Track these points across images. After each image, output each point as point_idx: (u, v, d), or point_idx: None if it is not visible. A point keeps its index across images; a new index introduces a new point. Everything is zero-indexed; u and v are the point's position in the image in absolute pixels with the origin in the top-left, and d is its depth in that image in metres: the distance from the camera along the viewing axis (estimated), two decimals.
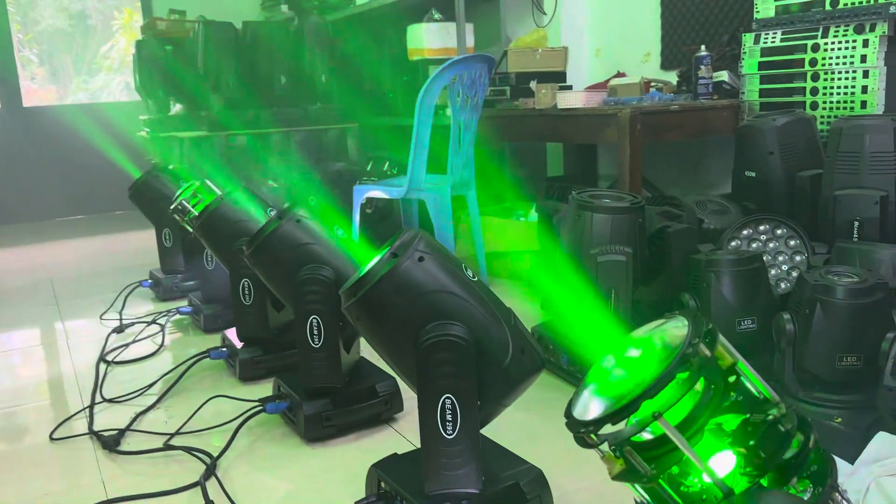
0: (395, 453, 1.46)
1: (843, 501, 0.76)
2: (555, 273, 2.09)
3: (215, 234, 2.27)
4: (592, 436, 0.79)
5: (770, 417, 0.77)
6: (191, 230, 2.38)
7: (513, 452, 1.43)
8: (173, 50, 4.19)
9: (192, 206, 2.31)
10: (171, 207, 2.39)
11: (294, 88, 4.05)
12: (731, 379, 0.80)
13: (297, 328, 1.75)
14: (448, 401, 1.24)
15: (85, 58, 7.66)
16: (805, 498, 0.75)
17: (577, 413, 0.83)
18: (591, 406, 0.82)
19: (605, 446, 0.80)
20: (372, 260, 1.27)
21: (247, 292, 2.16)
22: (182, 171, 3.26)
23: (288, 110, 4.00)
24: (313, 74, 4.05)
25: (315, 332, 1.74)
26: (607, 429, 0.80)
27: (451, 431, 1.25)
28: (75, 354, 2.52)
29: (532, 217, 3.32)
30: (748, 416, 0.80)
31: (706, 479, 0.76)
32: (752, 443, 0.77)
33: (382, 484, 1.39)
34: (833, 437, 1.53)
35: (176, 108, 4.45)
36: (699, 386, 0.79)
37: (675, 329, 0.82)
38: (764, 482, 0.75)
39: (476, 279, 1.28)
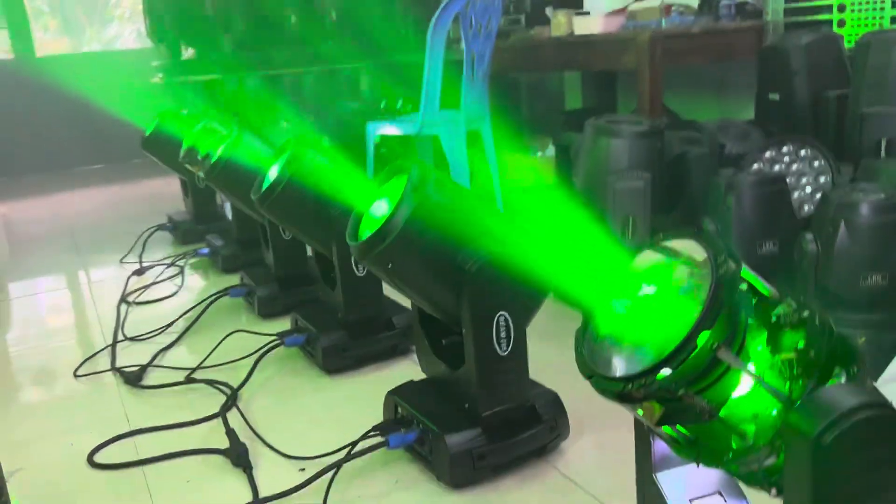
0: (412, 380, 1.47)
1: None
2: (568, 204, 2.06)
3: (233, 180, 2.23)
4: (646, 386, 0.70)
5: (806, 313, 0.73)
6: (202, 177, 2.35)
7: (528, 377, 1.42)
8: None
9: (203, 154, 2.28)
10: (181, 157, 2.36)
11: (304, 28, 3.97)
12: (744, 287, 0.76)
13: (339, 260, 1.74)
14: (502, 318, 1.25)
15: (97, 8, 7.58)
16: (841, 381, 0.72)
17: (605, 369, 0.76)
18: (618, 359, 0.76)
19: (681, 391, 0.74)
20: (374, 203, 1.26)
21: (284, 229, 2.14)
22: (194, 116, 3.23)
23: (299, 50, 3.93)
24: (323, 13, 3.97)
25: None
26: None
27: (505, 348, 1.27)
28: (97, 297, 2.55)
29: (549, 152, 3.26)
30: (777, 320, 0.76)
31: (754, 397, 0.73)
32: (801, 345, 0.73)
33: (399, 409, 1.40)
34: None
35: (188, 52, 4.40)
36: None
37: (688, 249, 0.77)
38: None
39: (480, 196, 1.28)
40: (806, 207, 1.93)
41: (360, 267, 1.76)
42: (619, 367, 0.75)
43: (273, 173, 1.78)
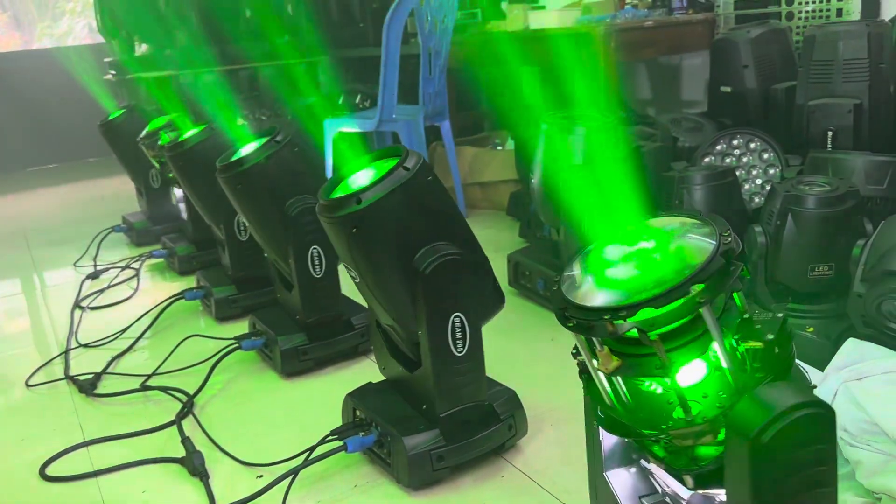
0: (370, 382, 1.46)
1: None
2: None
3: (202, 167, 2.15)
4: (618, 321, 0.73)
5: (780, 315, 0.78)
6: (160, 164, 2.28)
7: (487, 375, 1.43)
8: None
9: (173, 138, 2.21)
10: (140, 138, 2.29)
11: (260, 22, 3.92)
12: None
13: (296, 261, 1.72)
14: (457, 319, 1.25)
15: (48, 2, 7.39)
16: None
17: (582, 301, 0.78)
18: (599, 294, 0.78)
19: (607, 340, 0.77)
20: (356, 172, 1.24)
21: (241, 228, 2.10)
22: (162, 107, 3.16)
23: (255, 45, 3.88)
24: (279, 6, 3.92)
25: (317, 261, 1.73)
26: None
27: (461, 349, 1.27)
28: (50, 302, 2.50)
29: (510, 146, 3.27)
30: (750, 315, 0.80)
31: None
32: (767, 339, 0.78)
33: (358, 412, 1.39)
34: (806, 346, 1.54)
35: (141, 48, 4.31)
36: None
37: (688, 223, 0.81)
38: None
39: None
40: (756, 199, 1.96)
41: (317, 268, 1.74)
42: (599, 300, 0.77)
43: (247, 150, 1.73)
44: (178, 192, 2.90)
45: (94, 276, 2.62)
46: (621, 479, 0.96)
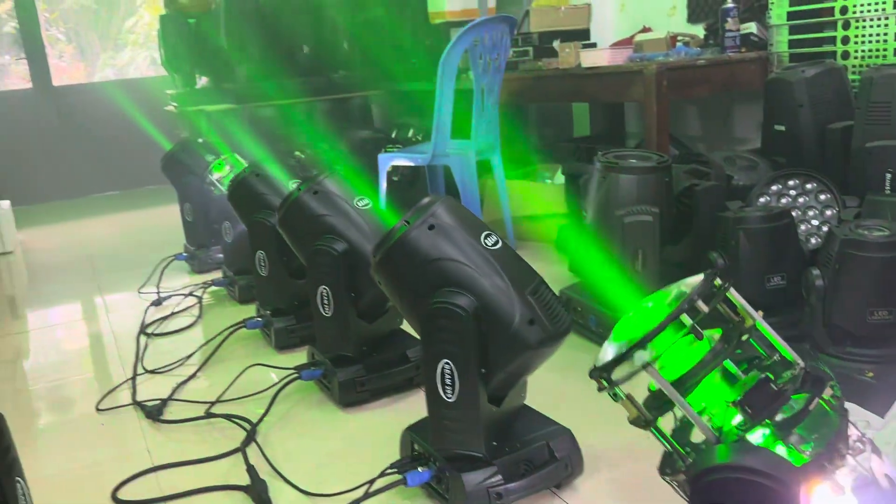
0: (427, 416, 1.50)
1: (855, 466, 0.77)
2: (582, 236, 2.10)
3: (240, 205, 2.30)
4: (602, 381, 0.85)
5: (762, 376, 0.80)
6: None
7: (542, 413, 1.45)
8: (196, 23, 4.20)
9: (222, 179, 2.34)
10: (206, 182, 2.43)
11: (317, 57, 4.04)
12: (745, 337, 0.83)
13: (310, 298, 1.79)
14: (446, 366, 1.27)
15: (110, 33, 7.71)
16: (805, 457, 0.76)
17: (597, 360, 0.89)
18: (606, 353, 0.88)
19: (618, 390, 0.85)
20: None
21: (262, 263, 2.19)
22: (215, 143, 3.30)
23: (312, 79, 4.00)
24: (335, 42, 4.04)
25: (325, 301, 1.78)
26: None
27: (450, 395, 1.29)
28: (116, 327, 2.60)
29: (558, 179, 3.31)
30: (743, 371, 0.83)
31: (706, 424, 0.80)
32: (738, 397, 0.80)
33: (416, 446, 1.43)
34: (865, 391, 1.53)
35: (202, 81, 4.48)
36: (713, 338, 0.83)
37: (690, 286, 0.85)
38: (765, 441, 0.77)
39: (498, 246, 1.29)
40: (813, 240, 1.96)
41: (326, 307, 1.80)
42: (600, 360, 0.89)
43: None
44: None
45: (157, 303, 2.73)
46: None
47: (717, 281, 0.83)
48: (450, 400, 1.29)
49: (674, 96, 2.53)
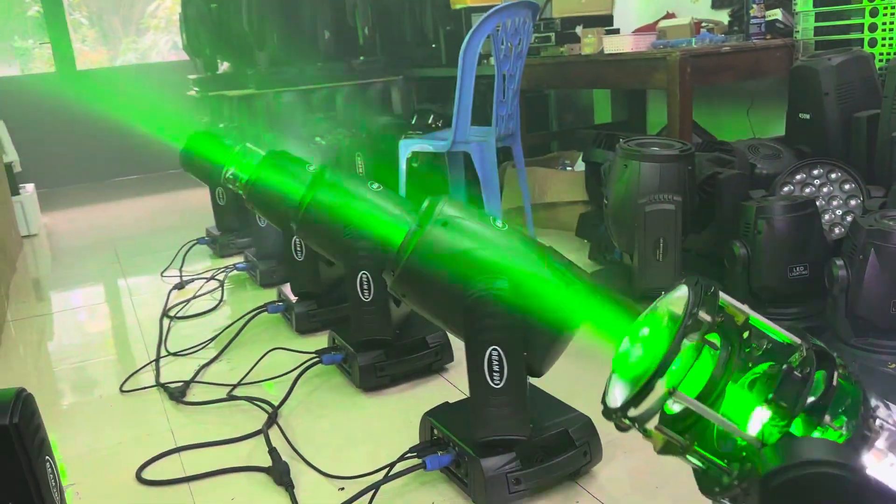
0: (447, 402, 1.51)
1: (882, 425, 0.76)
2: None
3: (262, 199, 2.30)
4: (625, 420, 0.81)
5: (784, 367, 0.78)
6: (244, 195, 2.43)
7: (562, 401, 1.46)
8: (218, 8, 4.21)
9: (238, 175, 2.35)
10: (223, 178, 2.44)
11: (338, 43, 4.04)
12: (746, 335, 0.81)
13: (347, 283, 1.80)
14: (494, 352, 1.27)
15: (132, 18, 7.76)
16: (842, 432, 0.75)
17: (609, 401, 0.85)
18: (616, 392, 0.84)
19: (647, 427, 0.82)
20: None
21: (298, 249, 2.21)
22: (230, 132, 3.32)
23: (332, 65, 4.01)
24: (356, 28, 4.04)
25: (365, 286, 1.79)
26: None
27: (498, 381, 1.29)
28: (139, 310, 2.63)
29: (579, 167, 3.29)
30: (766, 368, 0.81)
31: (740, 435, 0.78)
32: (769, 395, 0.78)
33: (435, 431, 1.44)
34: (888, 382, 1.52)
35: (223, 66, 4.50)
36: (716, 346, 0.80)
37: (679, 300, 0.83)
38: (796, 430, 0.76)
39: (507, 227, 1.31)
40: (836, 230, 1.94)
41: (366, 293, 1.82)
42: (618, 400, 0.83)
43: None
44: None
45: (180, 286, 2.76)
46: None
47: (710, 287, 0.81)
48: (497, 386, 1.29)
49: (697, 83, 2.51)
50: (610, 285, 2.11)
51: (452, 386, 1.84)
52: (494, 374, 1.28)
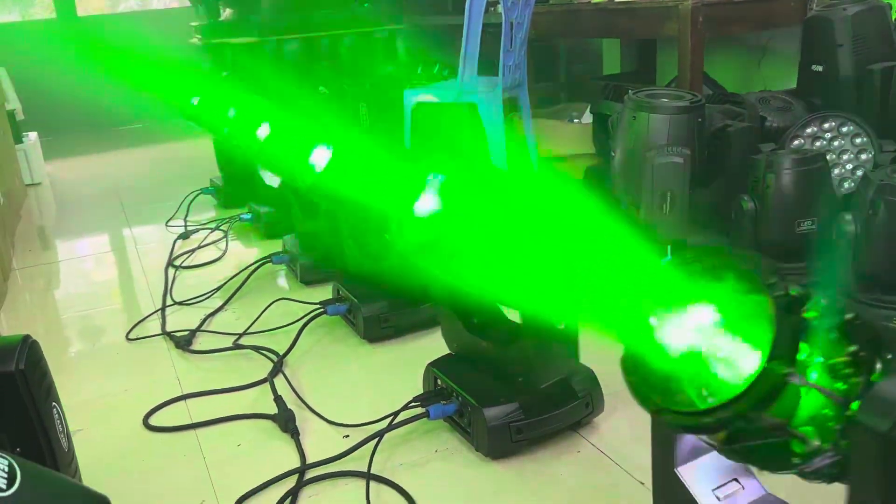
0: (450, 353, 1.52)
1: None
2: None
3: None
4: (717, 421, 0.72)
5: (850, 316, 0.75)
6: None
7: (565, 351, 1.46)
8: None
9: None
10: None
11: None
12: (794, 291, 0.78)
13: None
14: None
15: None
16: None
17: (672, 403, 0.76)
18: (684, 393, 0.75)
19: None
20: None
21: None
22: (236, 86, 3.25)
23: (336, 12, 3.93)
24: None
25: None
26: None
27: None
28: (144, 260, 2.64)
29: (586, 119, 3.25)
30: (826, 329, 0.77)
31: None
32: (851, 349, 0.75)
33: (438, 381, 1.45)
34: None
35: (226, 12, 4.41)
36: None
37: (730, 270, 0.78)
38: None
39: None
40: (846, 184, 1.92)
41: None
42: (687, 401, 0.75)
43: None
44: None
45: (185, 236, 2.76)
46: (693, 473, 0.97)
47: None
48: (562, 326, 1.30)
49: (709, 33, 2.46)
50: None
51: None
52: None
